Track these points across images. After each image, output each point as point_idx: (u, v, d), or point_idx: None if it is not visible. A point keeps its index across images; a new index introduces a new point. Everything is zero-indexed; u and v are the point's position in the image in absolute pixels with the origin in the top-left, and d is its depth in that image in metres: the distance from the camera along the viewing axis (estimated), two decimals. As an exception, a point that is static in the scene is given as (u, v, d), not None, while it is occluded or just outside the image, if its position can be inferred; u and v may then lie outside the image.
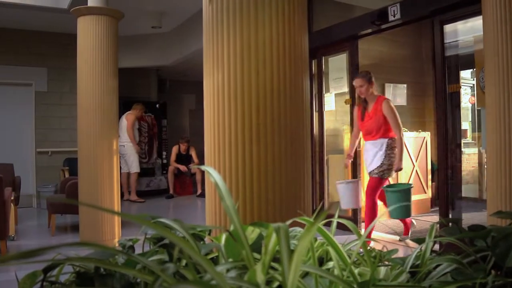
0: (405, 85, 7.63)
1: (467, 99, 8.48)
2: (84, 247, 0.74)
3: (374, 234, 5.42)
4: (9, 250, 5.09)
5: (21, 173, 7.69)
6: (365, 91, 4.91)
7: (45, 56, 8.77)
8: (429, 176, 7.06)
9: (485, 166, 5.86)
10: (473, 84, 7.86)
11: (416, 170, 6.86)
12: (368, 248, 1.27)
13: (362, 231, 4.33)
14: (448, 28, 4.68)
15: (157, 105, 10.25)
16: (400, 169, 4.90)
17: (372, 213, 4.78)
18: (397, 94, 7.54)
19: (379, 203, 5.02)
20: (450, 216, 4.66)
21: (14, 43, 8.55)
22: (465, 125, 8.36)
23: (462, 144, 6.02)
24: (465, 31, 4.99)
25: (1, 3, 6.86)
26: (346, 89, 6.06)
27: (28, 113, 8.75)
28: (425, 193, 6.99)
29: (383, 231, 5.71)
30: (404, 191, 4.87)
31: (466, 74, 8.13)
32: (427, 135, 7.08)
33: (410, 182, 6.14)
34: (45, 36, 8.75)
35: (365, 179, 6.21)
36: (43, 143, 8.77)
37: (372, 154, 4.91)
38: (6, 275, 4.20)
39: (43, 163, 8.76)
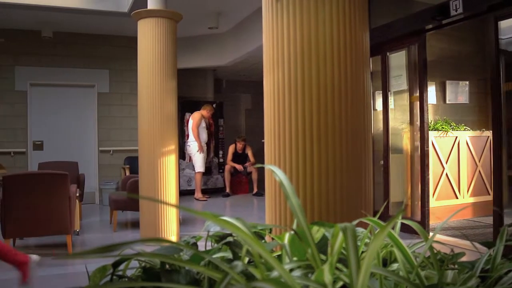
0: (467, 83, 7.35)
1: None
2: (156, 243, 0.76)
3: (439, 237, 5.24)
4: (74, 244, 5.32)
5: (85, 171, 8.02)
6: None
7: (107, 58, 9.10)
8: (493, 177, 6.75)
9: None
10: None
11: (479, 171, 6.59)
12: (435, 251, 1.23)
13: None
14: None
15: (214, 105, 10.40)
16: None
17: None
18: (459, 92, 7.27)
19: None
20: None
21: (78, 47, 8.92)
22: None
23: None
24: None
25: (66, 9, 7.18)
26: (405, 86, 5.90)
27: (91, 114, 9.12)
28: (489, 194, 6.70)
29: (450, 234, 5.51)
30: None
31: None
32: (491, 134, 6.79)
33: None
34: (107, 39, 9.08)
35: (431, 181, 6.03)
36: (105, 142, 9.10)
37: None
38: (72, 268, 4.39)
39: (105, 161, 9.10)
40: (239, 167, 9.82)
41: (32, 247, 5.32)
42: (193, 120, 9.21)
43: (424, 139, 5.56)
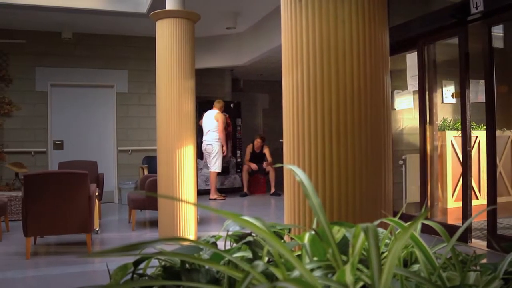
0: (488, 81, 7.24)
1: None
2: (176, 242, 0.76)
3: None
4: (94, 243, 5.38)
5: (104, 170, 8.11)
6: None
7: (126, 59, 9.18)
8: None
9: None
10: None
11: (500, 171, 6.49)
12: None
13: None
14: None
15: (231, 105, 10.41)
16: None
17: None
18: (479, 91, 7.17)
19: None
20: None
21: (97, 47, 9.02)
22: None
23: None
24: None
25: (85, 10, 7.27)
26: (425, 85, 5.82)
27: (110, 114, 9.21)
28: (510, 195, 6.59)
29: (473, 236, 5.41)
30: None
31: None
32: (512, 134, 6.69)
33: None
34: (125, 40, 9.17)
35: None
36: (123, 142, 9.19)
37: None
38: (92, 266, 4.44)
39: (123, 160, 9.18)
40: (254, 166, 9.80)
41: (52, 245, 5.39)
42: (220, 122, 9.14)
43: (466, 139, 5.35)
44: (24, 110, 8.59)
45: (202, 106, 9.76)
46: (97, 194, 5.72)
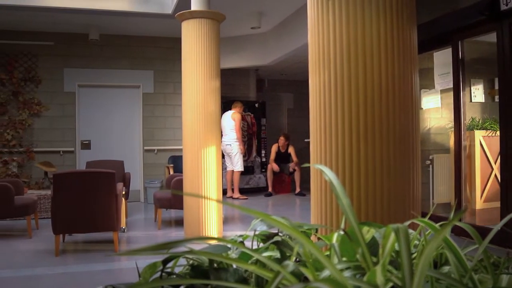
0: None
1: None
2: (203, 241, 0.77)
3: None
4: (121, 241, 5.45)
5: (130, 170, 8.21)
6: None
7: (152, 59, 9.28)
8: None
9: None
10: None
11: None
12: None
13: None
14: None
15: (256, 105, 10.41)
16: None
17: None
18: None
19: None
20: None
21: (124, 48, 9.14)
22: None
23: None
24: None
25: (112, 12, 7.37)
26: (460, 83, 5.69)
27: (136, 114, 9.32)
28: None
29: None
30: None
31: None
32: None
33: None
34: (151, 41, 9.27)
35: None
36: (149, 141, 9.29)
37: None
38: (119, 264, 4.50)
39: (149, 160, 9.28)
40: (275, 168, 9.77)
41: (80, 243, 5.49)
42: (236, 121, 9.18)
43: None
44: (52, 111, 8.76)
45: (226, 106, 9.80)
46: (123, 193, 5.79)
